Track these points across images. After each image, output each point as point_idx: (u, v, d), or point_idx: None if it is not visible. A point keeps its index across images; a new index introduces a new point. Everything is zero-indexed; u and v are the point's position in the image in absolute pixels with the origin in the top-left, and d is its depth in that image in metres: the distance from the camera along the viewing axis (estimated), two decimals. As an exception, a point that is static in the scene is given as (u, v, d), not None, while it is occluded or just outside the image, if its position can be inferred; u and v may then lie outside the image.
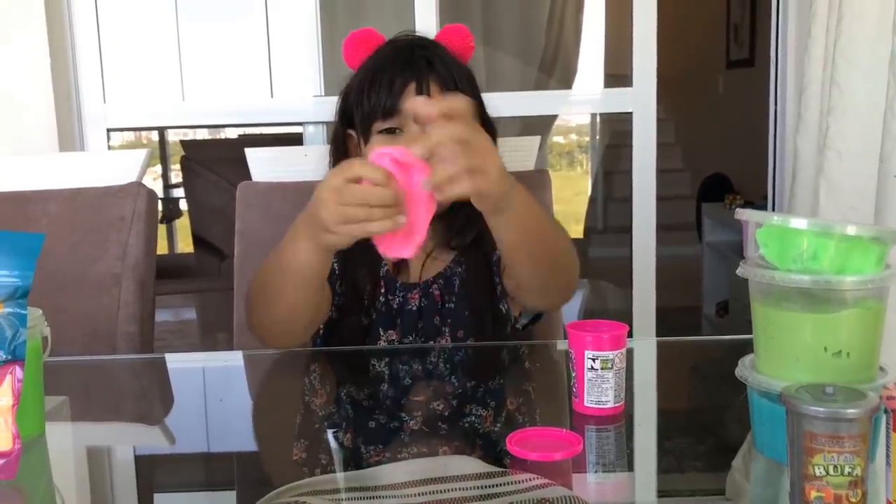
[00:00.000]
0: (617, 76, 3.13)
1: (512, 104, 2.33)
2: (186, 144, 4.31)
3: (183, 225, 5.03)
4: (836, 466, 0.67)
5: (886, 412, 0.70)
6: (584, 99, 3.03)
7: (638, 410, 1.03)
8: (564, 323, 1.34)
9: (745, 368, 0.85)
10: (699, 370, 1.29)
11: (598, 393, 0.95)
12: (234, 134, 5.00)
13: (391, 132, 1.22)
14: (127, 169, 1.56)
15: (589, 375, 0.95)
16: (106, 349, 1.46)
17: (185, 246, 5.32)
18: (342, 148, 1.30)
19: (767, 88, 2.25)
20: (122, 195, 1.53)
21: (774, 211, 2.28)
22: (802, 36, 2.02)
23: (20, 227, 1.44)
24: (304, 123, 2.47)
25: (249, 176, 1.56)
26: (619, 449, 0.93)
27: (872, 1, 1.80)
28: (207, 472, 0.97)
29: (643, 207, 2.21)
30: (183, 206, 4.83)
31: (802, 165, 1.97)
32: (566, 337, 0.98)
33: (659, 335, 2.24)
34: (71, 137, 2.16)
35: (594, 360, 0.95)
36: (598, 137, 5.96)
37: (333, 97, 1.33)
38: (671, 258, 2.82)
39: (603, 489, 0.84)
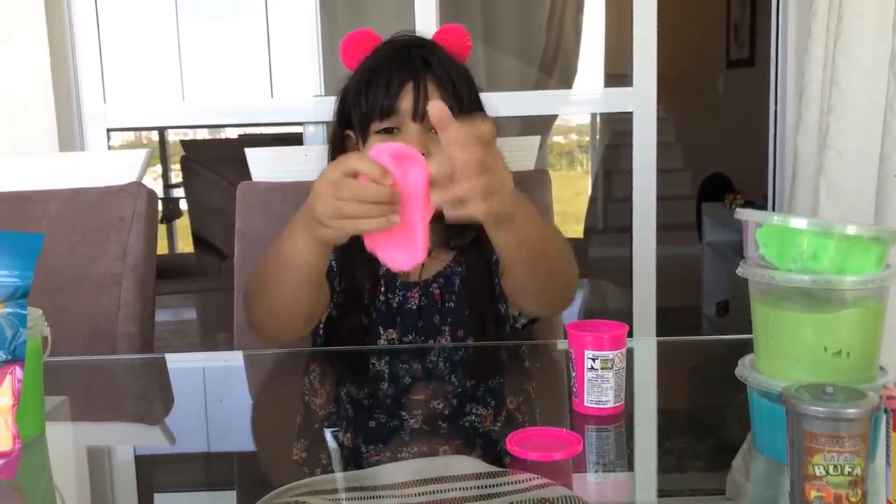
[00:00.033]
0: (617, 76, 3.13)
1: (512, 104, 2.34)
2: (186, 144, 4.31)
3: (183, 225, 5.03)
4: (836, 466, 0.67)
5: (886, 412, 0.70)
6: (584, 99, 3.03)
7: (638, 410, 1.03)
8: (564, 323, 1.34)
9: (745, 368, 0.85)
10: (699, 370, 1.29)
11: (598, 393, 0.95)
12: (234, 134, 5.00)
13: (389, 132, 1.22)
14: (127, 169, 1.56)
15: (589, 375, 0.95)
16: (106, 349, 1.46)
17: (185, 246, 5.31)
18: (340, 149, 1.30)
19: (767, 88, 2.25)
20: (122, 195, 1.53)
21: (774, 210, 2.28)
22: (802, 35, 2.02)
23: (20, 227, 1.44)
24: (304, 123, 2.47)
25: (249, 176, 1.56)
26: (619, 449, 0.93)
27: (872, 0, 1.80)
28: (208, 472, 0.97)
29: (643, 207, 2.21)
30: (183, 206, 4.83)
31: (802, 165, 1.97)
32: (566, 337, 0.98)
33: (659, 335, 2.24)
34: (71, 137, 2.16)
35: (594, 359, 0.95)
36: (598, 137, 5.96)
37: (333, 97, 1.33)
38: (671, 258, 2.81)
39: (603, 489, 0.84)
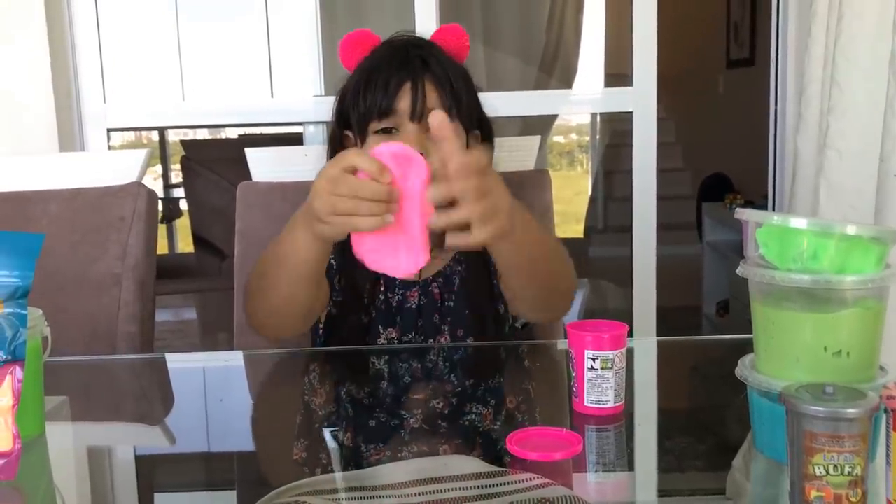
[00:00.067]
0: (617, 75, 3.13)
1: (512, 104, 2.34)
2: (187, 144, 4.31)
3: (183, 225, 5.03)
4: (836, 466, 0.67)
5: (886, 412, 0.70)
6: (584, 98, 3.03)
7: (638, 410, 1.03)
8: (564, 323, 1.34)
9: (745, 368, 0.85)
10: (699, 370, 1.29)
11: (598, 393, 0.95)
12: (234, 134, 5.00)
13: (387, 132, 1.23)
14: (127, 169, 1.56)
15: (589, 375, 0.95)
16: (106, 349, 1.46)
17: (185, 246, 5.31)
18: (339, 148, 1.30)
19: (768, 88, 2.25)
20: (122, 195, 1.53)
21: (775, 210, 2.28)
22: (803, 35, 2.02)
23: (20, 227, 1.44)
24: (304, 123, 2.48)
25: (249, 176, 1.56)
26: (619, 449, 0.93)
27: (872, 0, 1.80)
28: (208, 472, 0.97)
29: (643, 207, 2.21)
30: (183, 205, 4.83)
31: (802, 165, 1.97)
32: (566, 337, 0.98)
33: (659, 335, 2.24)
34: (71, 137, 2.16)
35: (594, 359, 0.95)
36: (598, 137, 5.96)
37: (333, 97, 1.33)
38: (671, 258, 2.81)
39: (603, 489, 0.84)
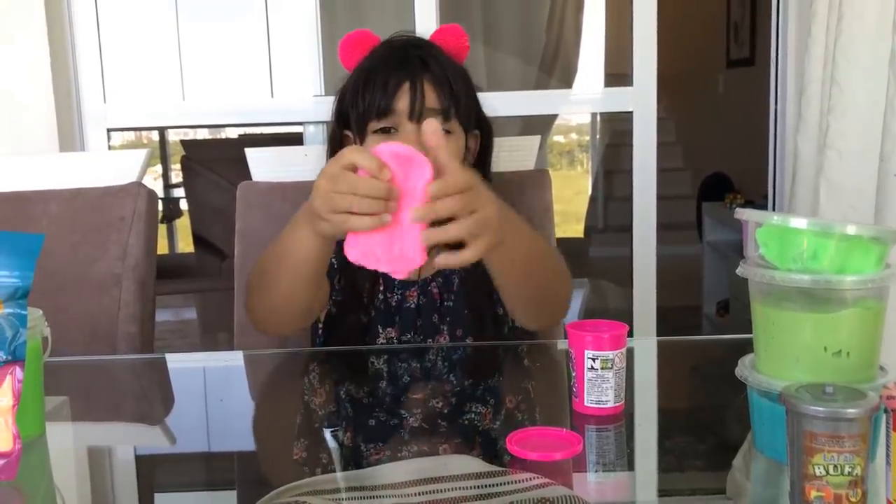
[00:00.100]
0: (617, 75, 3.13)
1: (512, 104, 2.34)
2: (187, 144, 4.31)
3: (183, 225, 5.03)
4: (836, 466, 0.67)
5: (886, 412, 0.70)
6: (584, 98, 3.03)
7: (638, 410, 1.03)
8: (564, 322, 1.34)
9: (745, 368, 0.85)
10: (699, 370, 1.29)
11: (598, 392, 0.95)
12: (234, 134, 5.00)
13: (386, 131, 1.23)
14: (127, 169, 1.56)
15: (589, 375, 0.95)
16: (106, 349, 1.46)
17: (185, 246, 5.31)
18: (339, 149, 1.30)
19: (768, 87, 2.25)
20: (122, 195, 1.53)
21: (775, 210, 2.28)
22: (803, 35, 2.02)
23: (20, 227, 1.44)
24: (304, 123, 2.48)
25: (250, 176, 1.56)
26: (619, 448, 0.93)
27: (872, 0, 1.80)
28: (208, 472, 0.97)
29: (643, 207, 2.21)
30: (183, 205, 4.83)
31: (803, 164, 1.97)
32: (566, 336, 0.98)
33: (659, 334, 2.24)
34: (71, 137, 2.16)
35: (594, 359, 0.95)
36: (598, 137, 5.96)
37: (333, 97, 1.33)
38: (672, 257, 2.81)
39: (603, 489, 0.84)
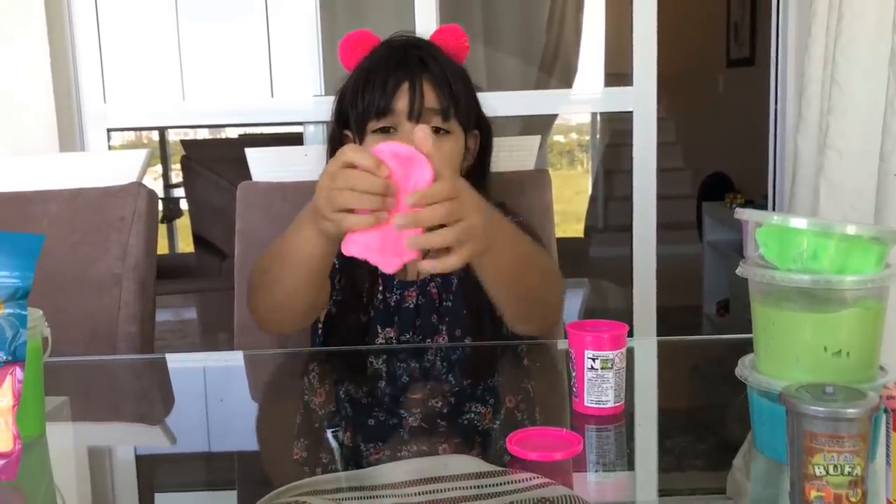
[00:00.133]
0: (617, 75, 3.13)
1: (512, 103, 2.34)
2: (187, 144, 4.31)
3: (183, 225, 5.03)
4: (836, 466, 0.67)
5: (886, 412, 0.70)
6: (584, 98, 3.03)
7: (638, 410, 1.03)
8: (564, 323, 1.34)
9: (745, 368, 0.85)
10: (699, 370, 1.29)
11: (598, 392, 0.95)
12: (234, 134, 5.00)
13: (385, 131, 1.23)
14: (127, 169, 1.56)
15: (589, 375, 0.95)
16: (106, 349, 1.46)
17: (185, 246, 5.31)
18: (339, 148, 1.30)
19: (768, 87, 2.25)
20: (122, 195, 1.53)
21: (775, 210, 2.28)
22: (803, 35, 2.02)
23: (21, 227, 1.44)
24: (304, 123, 2.48)
25: (250, 176, 1.56)
26: (619, 448, 0.93)
27: (872, 0, 1.80)
28: (208, 471, 0.97)
29: (643, 206, 2.21)
30: (183, 205, 4.83)
31: (803, 164, 1.97)
32: (566, 336, 0.98)
33: (659, 334, 2.24)
34: (71, 137, 2.16)
35: (594, 359, 0.95)
36: (598, 136, 5.96)
37: (333, 97, 1.33)
38: (672, 257, 2.81)
39: (603, 489, 0.84)
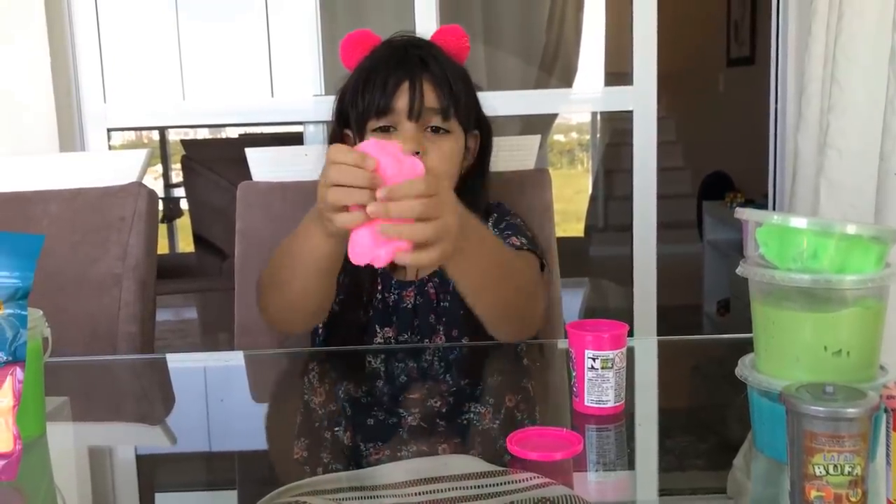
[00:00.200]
0: (617, 74, 3.13)
1: (512, 103, 2.34)
2: (187, 144, 4.31)
3: (184, 224, 5.03)
4: (836, 466, 0.67)
5: (886, 411, 0.70)
6: (584, 97, 3.03)
7: (639, 409, 1.03)
8: (565, 322, 1.34)
9: (745, 368, 0.85)
10: (700, 369, 1.29)
11: (598, 392, 0.95)
12: (234, 133, 5.00)
13: (385, 130, 1.23)
14: (127, 169, 1.56)
15: (589, 375, 0.95)
16: (107, 349, 1.46)
17: (185, 245, 5.31)
18: None
19: (768, 86, 2.25)
20: (122, 195, 1.53)
21: (775, 209, 2.28)
22: (803, 34, 2.02)
23: (21, 227, 1.44)
24: (304, 123, 2.48)
25: (250, 175, 1.56)
26: (619, 448, 0.93)
27: (873, -1, 1.80)
28: (209, 471, 0.97)
29: (644, 206, 2.21)
30: (184, 205, 4.83)
31: (803, 163, 1.97)
32: (566, 336, 0.98)
33: (660, 333, 2.24)
34: (71, 137, 2.16)
35: (594, 359, 0.95)
36: (598, 136, 5.96)
37: (333, 96, 1.33)
38: (672, 256, 2.81)
39: (604, 488, 0.84)
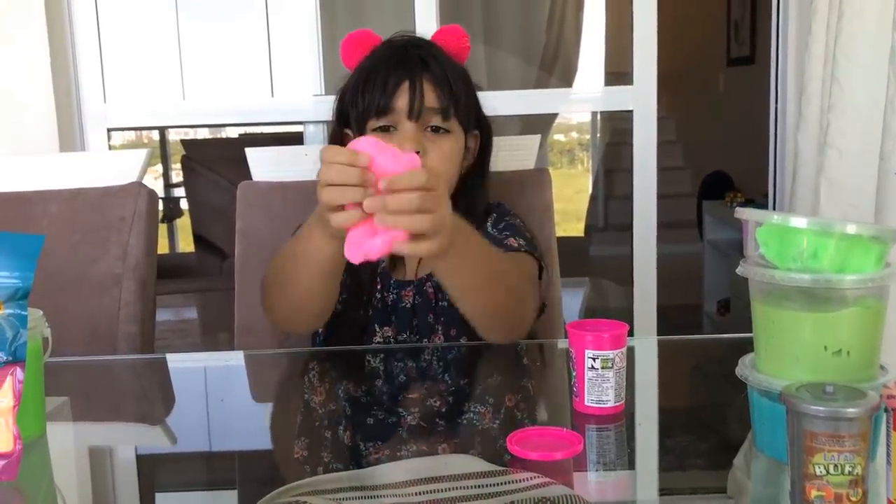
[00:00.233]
0: (617, 74, 3.13)
1: (512, 103, 2.34)
2: (187, 144, 4.31)
3: (184, 224, 5.03)
4: (836, 465, 0.67)
5: (887, 411, 0.70)
6: (584, 97, 3.03)
7: (639, 409, 1.03)
8: (565, 322, 1.34)
9: (745, 367, 0.85)
10: (700, 369, 1.29)
11: (598, 392, 0.95)
12: (234, 133, 5.01)
13: (385, 130, 1.23)
14: (127, 169, 1.56)
15: (589, 375, 0.95)
16: (107, 349, 1.46)
17: (185, 245, 5.31)
18: None
19: (768, 86, 2.25)
20: (122, 195, 1.53)
21: (775, 209, 2.28)
22: (803, 33, 2.02)
23: (21, 227, 1.44)
24: (304, 123, 2.47)
25: (250, 175, 1.57)
26: (619, 448, 0.93)
27: (873, -2, 1.80)
28: (209, 471, 0.97)
29: (644, 205, 2.21)
30: (184, 205, 4.83)
31: (803, 163, 1.97)
32: (566, 336, 0.98)
33: (660, 333, 2.24)
34: (71, 137, 2.16)
35: (594, 359, 0.95)
36: (598, 135, 5.96)
37: (333, 96, 1.33)
38: (672, 256, 2.81)
39: (604, 488, 0.84)
